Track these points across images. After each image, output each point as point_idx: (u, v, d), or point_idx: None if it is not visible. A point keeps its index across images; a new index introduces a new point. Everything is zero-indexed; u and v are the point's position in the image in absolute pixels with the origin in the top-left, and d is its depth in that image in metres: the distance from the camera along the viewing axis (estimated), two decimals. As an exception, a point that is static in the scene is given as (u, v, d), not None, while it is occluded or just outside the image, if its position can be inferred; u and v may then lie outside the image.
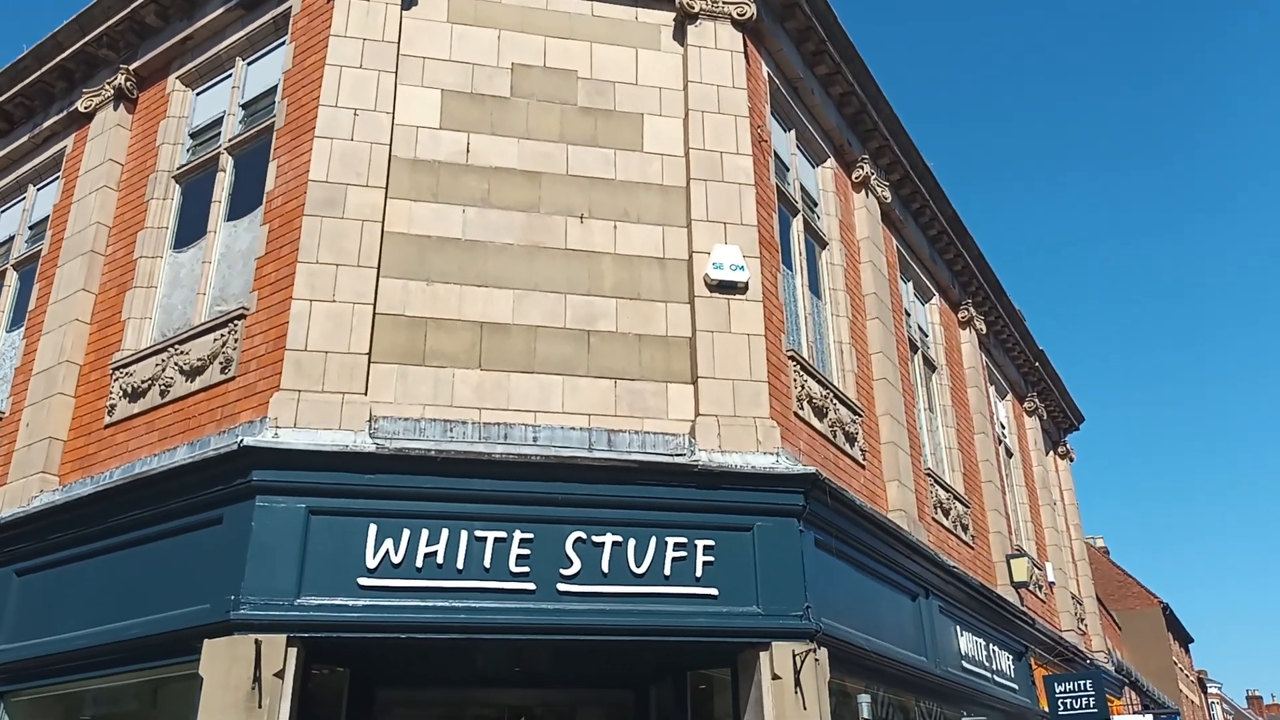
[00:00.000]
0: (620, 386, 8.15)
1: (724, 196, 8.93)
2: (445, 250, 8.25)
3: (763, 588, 7.55)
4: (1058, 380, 20.70)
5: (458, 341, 7.96)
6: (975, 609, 11.88)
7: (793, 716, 7.22)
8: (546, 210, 8.61)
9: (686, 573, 7.48)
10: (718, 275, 8.52)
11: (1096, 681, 13.32)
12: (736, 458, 7.88)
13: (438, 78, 8.86)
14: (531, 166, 8.72)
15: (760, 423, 8.11)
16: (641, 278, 8.58)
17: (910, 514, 10.74)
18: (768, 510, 7.80)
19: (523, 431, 7.72)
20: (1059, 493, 20.98)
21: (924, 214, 14.01)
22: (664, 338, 8.40)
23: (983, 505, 14.28)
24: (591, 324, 8.29)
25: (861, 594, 8.89)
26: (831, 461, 9.47)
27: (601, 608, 7.22)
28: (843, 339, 10.79)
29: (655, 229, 8.78)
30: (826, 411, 9.59)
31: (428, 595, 6.97)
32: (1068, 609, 17.67)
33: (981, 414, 15.12)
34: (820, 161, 11.59)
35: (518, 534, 7.24)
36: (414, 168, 8.47)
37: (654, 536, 7.49)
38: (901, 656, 9.29)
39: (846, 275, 11.24)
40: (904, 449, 11.16)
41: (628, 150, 9.03)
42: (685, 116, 9.19)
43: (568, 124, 8.99)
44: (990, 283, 16.36)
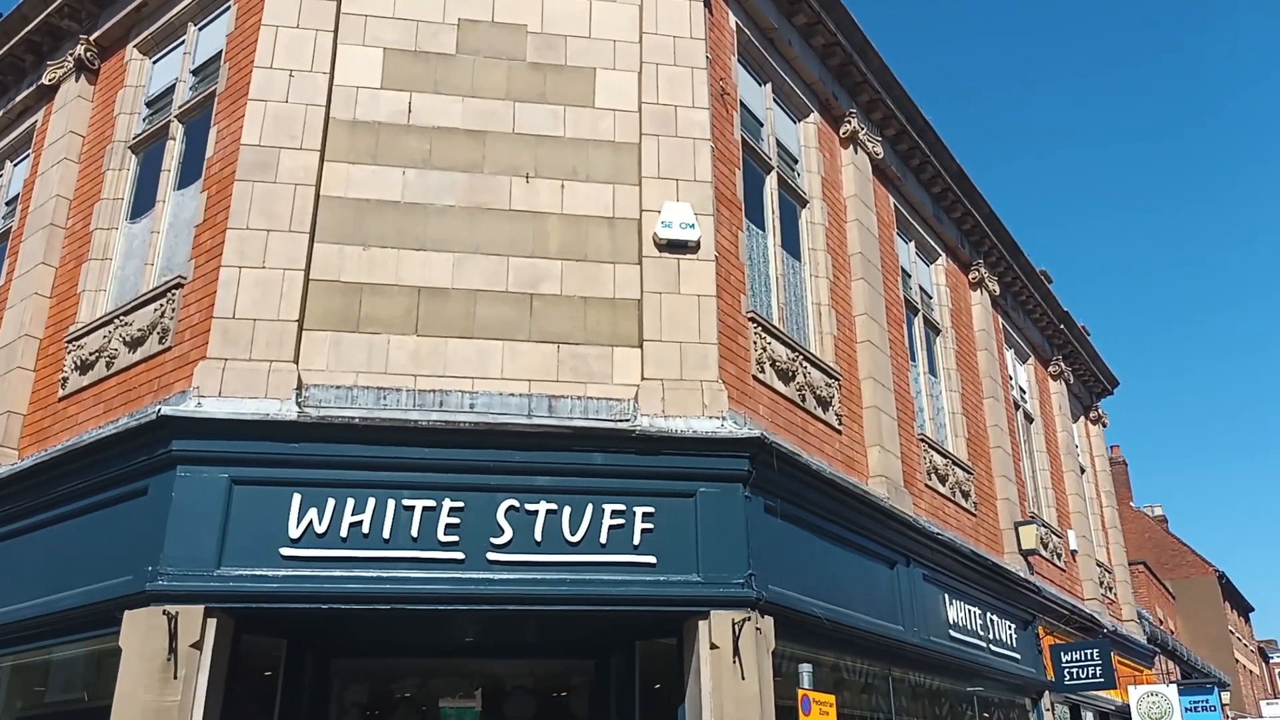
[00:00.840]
0: (564, 351, 7.88)
1: (677, 152, 8.57)
2: (384, 214, 8.03)
3: (703, 555, 7.27)
4: (1086, 343, 19.94)
5: (394, 307, 7.75)
6: (969, 577, 11.45)
7: (730, 686, 6.95)
8: (491, 170, 8.33)
9: (623, 541, 7.22)
10: (666, 234, 8.19)
11: (1103, 650, 12.81)
12: (680, 422, 7.57)
13: (380, 36, 8.60)
14: (476, 125, 8.44)
15: (707, 386, 7.79)
16: (589, 238, 8.27)
17: (894, 480, 10.34)
18: (712, 476, 7.50)
19: (459, 398, 7.50)
20: (1089, 458, 20.29)
21: (925, 170, 13.44)
22: (611, 300, 8.10)
23: (990, 471, 13.78)
24: (535, 287, 8.02)
25: (824, 561, 8.55)
26: (798, 426, 9.11)
27: (532, 577, 7.01)
28: (821, 300, 10.37)
29: (605, 187, 8.46)
30: (794, 375, 9.21)
31: (352, 565, 6.81)
32: (1092, 577, 17.08)
33: (992, 378, 14.57)
34: (802, 116, 11.13)
35: (447, 502, 7.05)
36: (353, 129, 8.25)
37: (590, 504, 7.25)
38: (872, 625, 8.94)
39: (829, 235, 10.80)
40: (889, 414, 10.74)
41: (578, 106, 8.69)
42: (640, 70, 8.83)
43: (515, 80, 8.68)
44: (1005, 242, 15.72)
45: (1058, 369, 18.41)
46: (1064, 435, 18.03)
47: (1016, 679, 12.43)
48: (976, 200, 14.62)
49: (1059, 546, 16.03)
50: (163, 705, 6.28)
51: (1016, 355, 17.14)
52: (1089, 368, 20.25)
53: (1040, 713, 12.92)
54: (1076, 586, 16.59)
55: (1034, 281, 17.05)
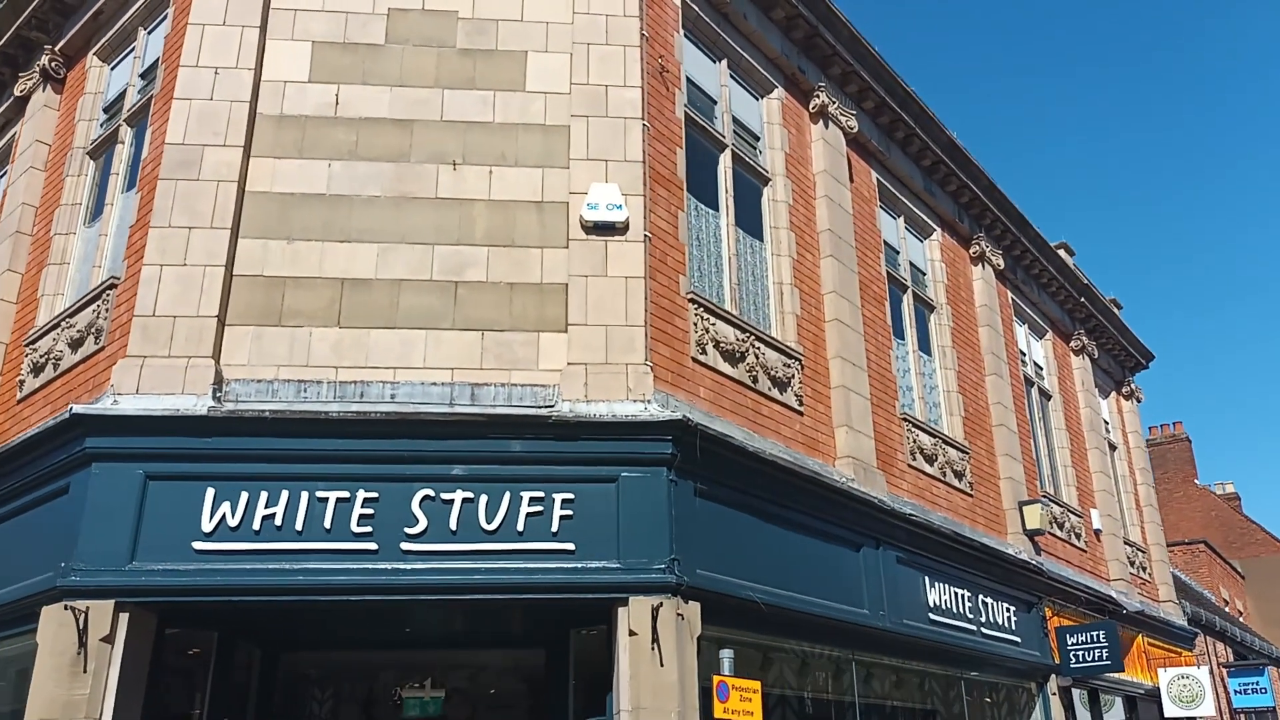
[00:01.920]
0: (488, 338, 7.79)
1: (607, 132, 8.41)
2: (308, 207, 8.02)
3: (624, 541, 7.12)
4: (1113, 317, 19.21)
5: (317, 299, 7.74)
6: (956, 559, 11.08)
7: (648, 674, 6.80)
8: (418, 159, 8.27)
9: (542, 528, 7.11)
10: (593, 216, 8.03)
11: (1109, 632, 12.28)
12: (602, 407, 7.43)
13: (309, 29, 8.59)
14: (404, 115, 8.39)
15: (633, 369, 7.63)
16: (517, 223, 8.16)
17: (865, 461, 10.04)
18: (635, 460, 7.34)
19: (380, 389, 7.46)
20: (1121, 435, 19.57)
21: (911, 143, 13.03)
22: (538, 285, 7.98)
23: (991, 450, 13.34)
24: (460, 274, 7.94)
25: (770, 545, 8.32)
26: (748, 408, 8.89)
27: (446, 566, 6.94)
28: (784, 280, 10.11)
29: (534, 171, 8.34)
30: (743, 356, 8.99)
31: (264, 558, 6.82)
32: (1119, 557, 16.47)
33: (995, 354, 14.09)
34: (766, 92, 10.85)
35: (361, 493, 7.02)
36: (280, 124, 8.26)
37: (508, 492, 7.15)
38: (827, 610, 8.68)
39: (794, 212, 10.52)
40: (861, 393, 10.43)
41: (508, 91, 8.58)
42: (572, 51, 8.68)
43: (445, 68, 8.60)
44: (1010, 215, 15.19)
45: (1079, 344, 17.76)
46: (1088, 412, 17.39)
47: (1016, 663, 12.01)
48: (973, 172, 14.13)
49: (1078, 526, 15.47)
50: (71, 699, 6.37)
51: (1032, 330, 16.58)
52: (1118, 342, 19.51)
53: (1046, 697, 12.47)
54: (1100, 567, 16.00)
55: (1047, 254, 16.45)
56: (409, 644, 8.79)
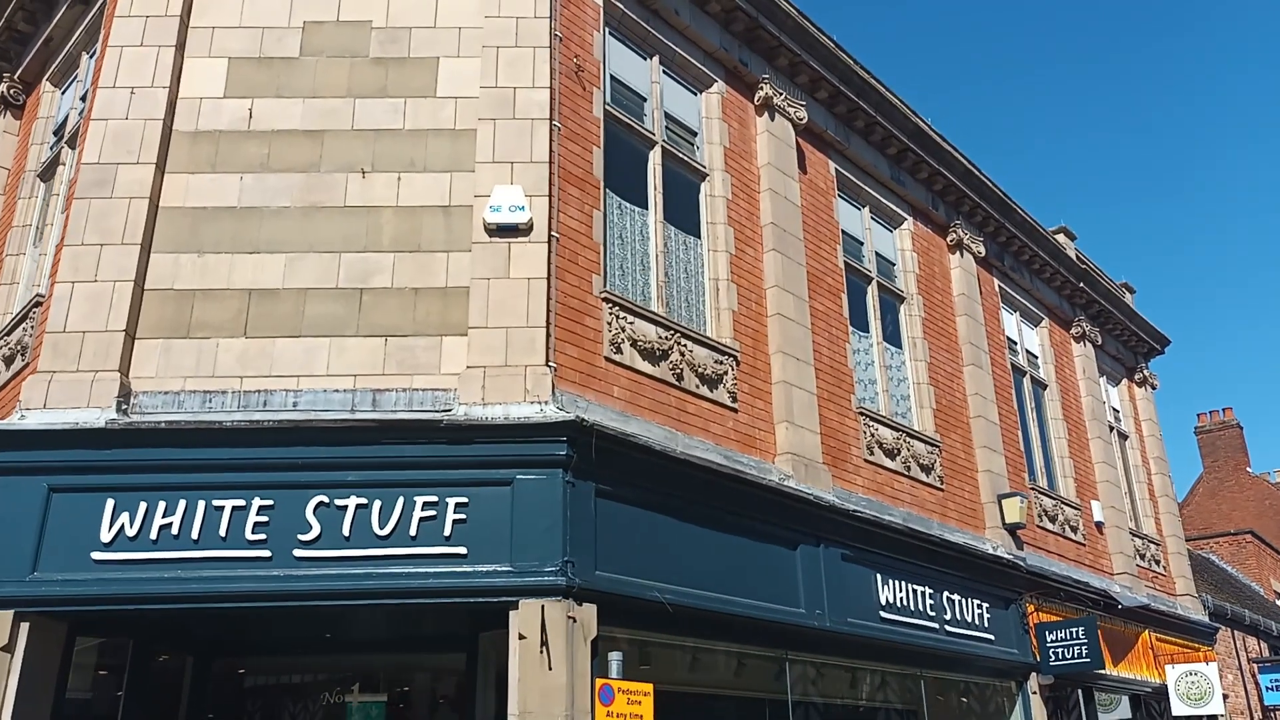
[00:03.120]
0: (391, 344, 7.84)
1: (514, 134, 8.41)
2: (219, 220, 8.16)
3: (517, 544, 7.12)
4: (1120, 302, 18.68)
5: (225, 311, 7.87)
6: (916, 556, 10.85)
7: (535, 677, 6.78)
8: (328, 168, 8.37)
9: (435, 533, 7.14)
10: (495, 218, 8.05)
11: (1089, 628, 11.91)
12: (498, 409, 7.43)
13: (226, 46, 8.75)
14: (315, 125, 8.50)
15: (531, 371, 7.62)
16: (423, 228, 8.21)
17: (808, 457, 9.90)
18: (530, 463, 7.33)
19: (283, 397, 7.56)
20: (1133, 423, 19.02)
21: (873, 132, 12.82)
22: (443, 289, 8.02)
23: (969, 443, 13.06)
24: (366, 281, 8.02)
25: (688, 545, 8.23)
26: (673, 407, 8.82)
27: (338, 572, 7.00)
28: (720, 276, 10.02)
29: (443, 176, 8.38)
30: (666, 354, 8.92)
31: (159, 567, 6.95)
32: (1124, 550, 15.99)
33: (974, 344, 13.79)
34: (705, 87, 10.76)
35: (257, 501, 7.12)
36: (194, 140, 8.42)
37: (402, 497, 7.19)
38: (751, 609, 8.56)
39: (732, 207, 10.42)
40: (806, 388, 10.28)
41: (419, 97, 8.65)
42: (482, 55, 8.71)
43: (357, 77, 8.69)
44: (991, 200, 14.85)
45: (1080, 330, 17.29)
46: (1089, 400, 16.92)
47: (990, 661, 11.73)
48: (946, 158, 13.85)
49: (1074, 519, 15.07)
50: (-31, 706, 6.56)
51: (1025, 318, 16.19)
52: (1126, 328, 18.95)
53: (1026, 696, 12.15)
54: (1101, 561, 15.56)
55: (1037, 239, 16.05)
56: (342, 649, 8.90)
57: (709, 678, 8.87)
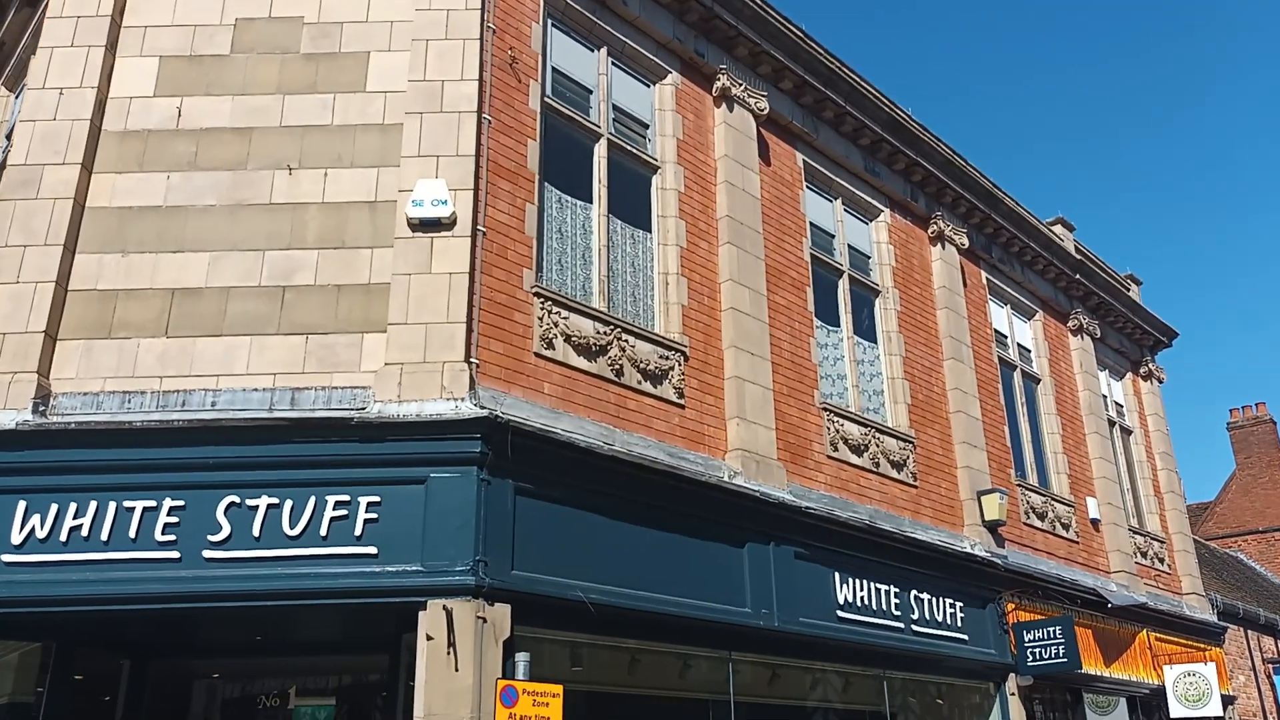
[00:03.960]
0: (312, 342, 7.74)
1: (440, 128, 8.28)
2: (145, 219, 8.11)
3: (429, 543, 6.98)
4: (1121, 294, 18.18)
5: (147, 311, 7.81)
6: (880, 554, 10.57)
7: (441, 679, 6.63)
8: (254, 166, 8.29)
9: (345, 532, 7.02)
10: (418, 213, 7.92)
11: (1065, 627, 11.52)
12: (413, 407, 7.30)
13: (158, 45, 8.70)
14: (244, 123, 8.42)
15: (449, 367, 7.47)
16: (349, 225, 8.11)
17: (762, 454, 9.66)
18: (444, 460, 7.19)
19: (202, 397, 7.48)
20: (1138, 418, 18.51)
21: (844, 122, 12.53)
22: (366, 286, 7.91)
23: (947, 438, 12.73)
24: (289, 279, 7.92)
25: (619, 544, 8.03)
26: (610, 403, 8.64)
27: (247, 573, 6.90)
28: (670, 270, 9.81)
29: (370, 172, 8.27)
30: (605, 349, 8.74)
31: (69, 569, 6.89)
32: (1123, 548, 15.54)
33: (956, 338, 13.45)
34: (658, 79, 10.56)
35: (167, 501, 7.04)
36: (123, 140, 8.38)
37: (313, 496, 7.08)
38: (695, 610, 8.35)
39: (685, 200, 10.21)
40: (761, 384, 10.05)
41: (349, 93, 8.54)
42: (411, 48, 8.59)
43: (287, 74, 8.61)
44: (976, 190, 14.50)
45: (1078, 323, 16.84)
46: (1087, 395, 16.48)
47: (962, 662, 11.40)
48: (924, 149, 13.52)
49: (1066, 516, 14.66)
50: (-128, 709, 6.54)
51: (1016, 311, 15.80)
52: (1130, 321, 18.45)
53: (1004, 697, 11.80)
54: (1096, 559, 15.13)
55: (1027, 230, 15.64)
56: (277, 651, 8.80)
57: (652, 679, 8.66)
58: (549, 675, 7.19)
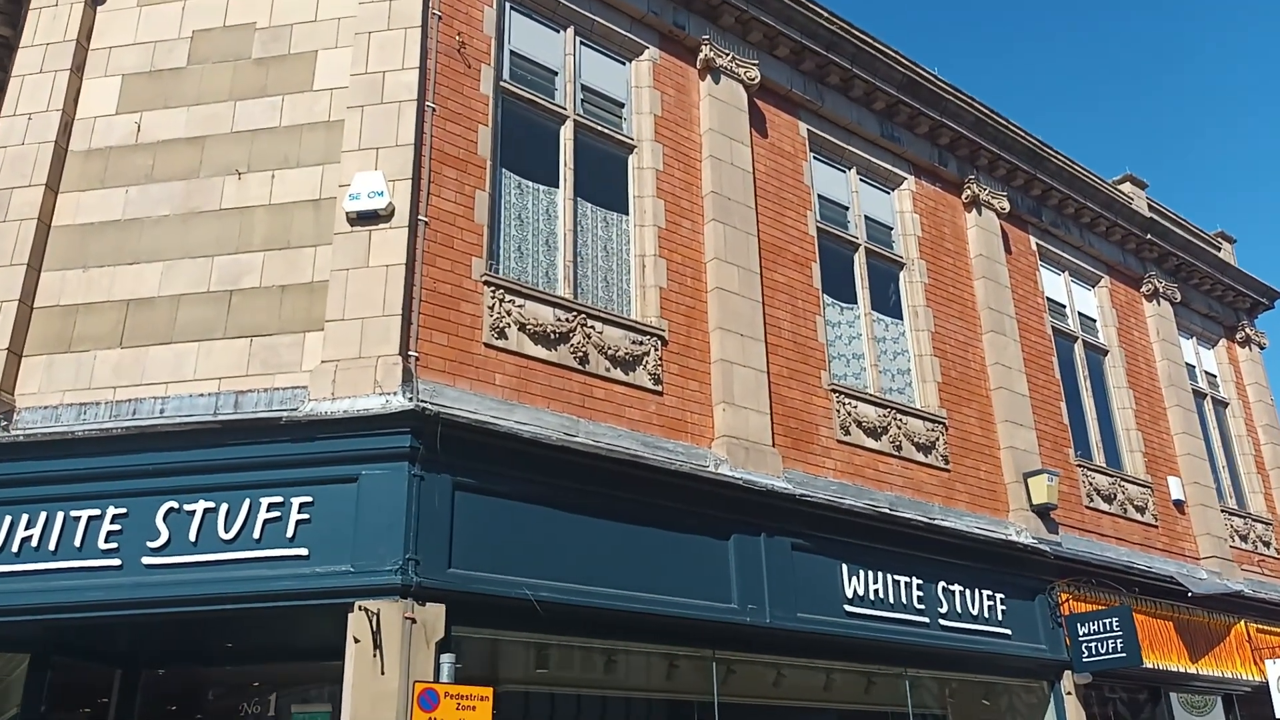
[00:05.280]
0: (256, 344, 7.68)
1: (381, 119, 8.14)
2: (105, 234, 8.23)
3: (360, 543, 6.80)
4: (1205, 254, 16.72)
5: (104, 323, 7.91)
6: (902, 543, 9.86)
7: (368, 683, 6.42)
8: (207, 173, 8.32)
9: (278, 534, 6.91)
10: (355, 206, 7.78)
11: (1124, 618, 10.49)
12: (345, 403, 7.14)
13: (121, 64, 8.86)
14: (198, 132, 8.48)
15: (383, 362, 7.28)
16: (294, 224, 8.04)
17: (754, 440, 9.15)
18: (376, 457, 7.00)
19: (151, 405, 7.51)
20: (1235, 388, 16.99)
21: (853, 87, 11.86)
22: (309, 285, 7.81)
23: (987, 417, 11.88)
24: (236, 282, 7.90)
25: (578, 539, 7.67)
26: (574, 392, 8.30)
27: (183, 578, 6.86)
28: (646, 251, 9.42)
29: (315, 170, 8.18)
30: (567, 336, 8.41)
31: (21, 579, 6.99)
32: (1213, 531, 14.23)
33: (996, 309, 12.56)
34: (633, 55, 10.19)
35: (111, 509, 7.08)
36: (87, 158, 8.54)
37: (248, 499, 7.00)
38: (667, 607, 7.91)
39: (664, 178, 9.80)
40: (753, 366, 9.53)
41: (297, 93, 8.50)
42: (354, 42, 8.48)
43: (239, 80, 8.63)
44: (1016, 150, 13.54)
45: (1152, 288, 15.55)
46: (1166, 365, 15.19)
47: (1005, 659, 10.54)
48: (949, 109, 12.69)
49: (1141, 498, 13.50)
50: None
51: (1076, 278, 14.69)
52: (1219, 282, 16.96)
53: (1059, 697, 10.86)
54: (1180, 544, 13.88)
55: (1082, 190, 14.51)
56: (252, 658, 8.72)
57: (632, 680, 8.27)
58: (504, 677, 6.93)
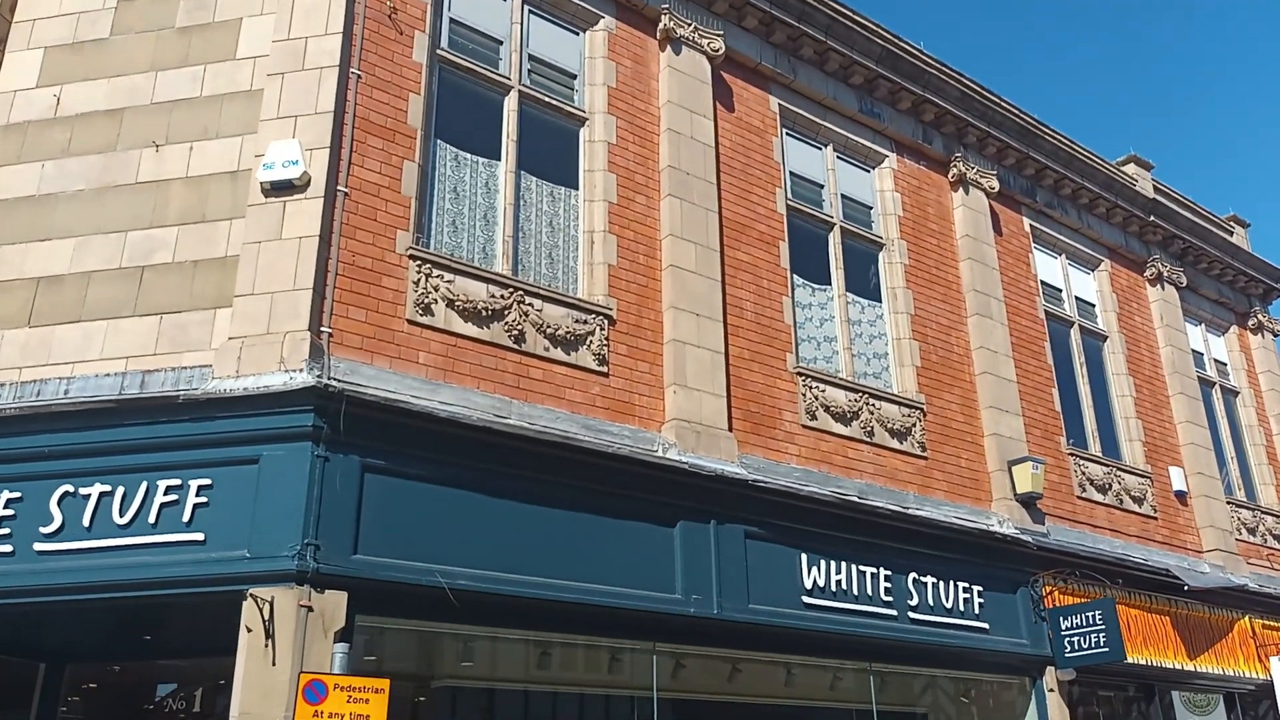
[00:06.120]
0: (165, 322, 7.31)
1: (301, 87, 7.75)
2: (18, 211, 7.89)
3: (258, 527, 6.39)
4: (1214, 237, 16.01)
5: (13, 302, 7.57)
6: (870, 533, 9.36)
7: (258, 675, 6.01)
8: (124, 146, 7.97)
9: (175, 518, 6.52)
10: (269, 176, 7.39)
11: (1106, 611, 9.88)
12: (249, 381, 6.74)
13: (44, 36, 8.54)
14: (117, 104, 8.13)
15: (290, 338, 6.88)
16: (210, 198, 7.66)
17: (704, 424, 8.67)
18: (279, 437, 6.60)
19: (56, 385, 7.15)
20: (1245, 376, 16.27)
21: (828, 60, 11.35)
22: (222, 260, 7.42)
23: (971, 403, 11.32)
24: (149, 259, 7.54)
25: (505, 526, 7.22)
26: (508, 373, 7.86)
27: (75, 565, 6.49)
28: (596, 227, 8.97)
29: (234, 141, 7.80)
30: (501, 314, 7.98)
31: (-89, 567, 6.66)
32: (1216, 523, 13.56)
33: (982, 292, 12.00)
34: (588, 25, 9.75)
35: (5, 494, 6.73)
36: (5, 133, 8.21)
37: (145, 482, 6.62)
38: (595, 597, 7.45)
39: (616, 152, 9.35)
40: (710, 348, 9.05)
41: (219, 62, 8.13)
42: (278, 9, 8.11)
43: (161, 50, 8.28)
44: (1007, 127, 12.96)
45: (1156, 272, 14.88)
46: (1171, 351, 14.52)
47: (982, 654, 9.98)
48: (933, 84, 12.14)
49: (1139, 488, 12.87)
50: None
51: (1073, 260, 14.07)
52: (1230, 266, 16.25)
53: (1041, 693, 10.28)
54: (1183, 536, 13.23)
55: (1080, 169, 13.89)
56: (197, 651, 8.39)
57: (570, 673, 7.83)
58: (435, 671, 6.51)
